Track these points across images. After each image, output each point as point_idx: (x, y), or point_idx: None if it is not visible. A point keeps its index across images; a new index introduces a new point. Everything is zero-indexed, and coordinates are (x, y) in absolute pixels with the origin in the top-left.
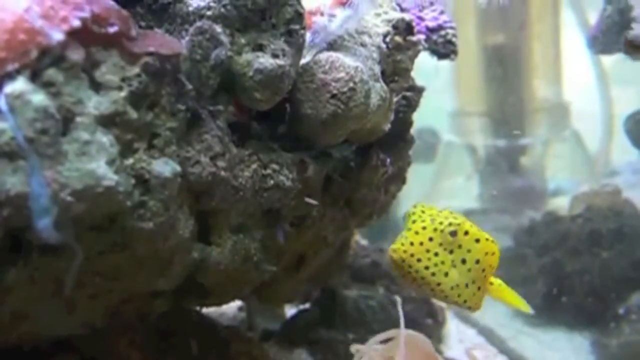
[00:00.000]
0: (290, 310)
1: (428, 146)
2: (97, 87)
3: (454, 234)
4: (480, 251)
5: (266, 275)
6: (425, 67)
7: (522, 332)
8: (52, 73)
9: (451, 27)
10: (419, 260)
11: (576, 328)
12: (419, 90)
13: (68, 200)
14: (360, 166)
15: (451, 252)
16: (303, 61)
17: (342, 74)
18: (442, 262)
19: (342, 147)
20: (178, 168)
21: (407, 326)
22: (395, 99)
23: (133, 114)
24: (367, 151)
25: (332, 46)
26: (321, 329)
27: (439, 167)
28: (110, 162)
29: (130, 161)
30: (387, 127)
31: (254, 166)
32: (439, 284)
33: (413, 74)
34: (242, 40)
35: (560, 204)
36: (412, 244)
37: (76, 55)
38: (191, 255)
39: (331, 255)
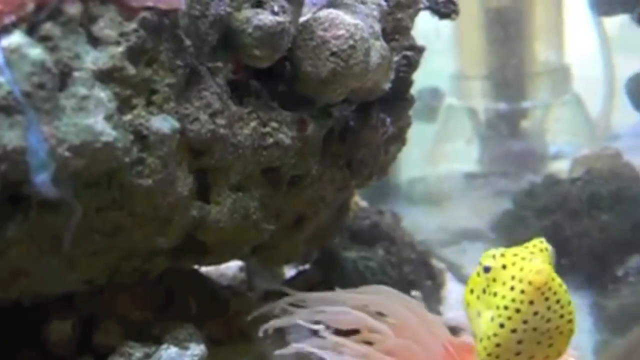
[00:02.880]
0: (289, 271)
1: (430, 106)
2: (94, 42)
3: (486, 269)
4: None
5: (265, 234)
6: (426, 29)
7: None
8: (49, 27)
9: None
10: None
11: (575, 290)
12: (419, 50)
13: (66, 156)
14: (360, 125)
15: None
16: (303, 18)
17: (342, 32)
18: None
19: (342, 106)
20: (177, 124)
21: (406, 288)
22: (395, 58)
23: (131, 70)
24: (367, 110)
25: (332, 4)
26: (320, 290)
27: (439, 130)
28: (108, 118)
29: (128, 117)
30: (387, 86)
31: (253, 124)
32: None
33: (414, 35)
34: None
35: (561, 168)
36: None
37: (73, 9)
38: (190, 213)
39: (330, 216)
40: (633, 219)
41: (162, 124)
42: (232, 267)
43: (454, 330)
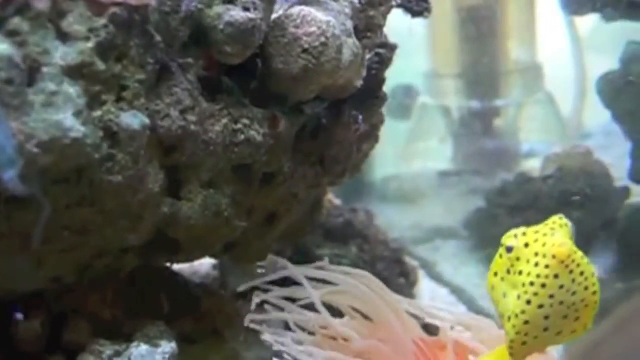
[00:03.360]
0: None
1: (403, 104)
2: (64, 37)
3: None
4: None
5: (237, 231)
6: (400, 28)
7: None
8: (17, 22)
9: None
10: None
11: None
12: (391, 48)
13: (34, 152)
14: (332, 123)
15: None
16: (275, 15)
17: (313, 29)
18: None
19: (314, 103)
20: (147, 120)
21: None
22: (367, 56)
23: (101, 66)
24: (339, 108)
25: (304, 1)
26: (293, 287)
27: (413, 128)
28: (78, 114)
29: (98, 113)
30: (360, 83)
31: (225, 121)
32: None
33: (387, 34)
34: None
35: (533, 166)
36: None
37: (42, 4)
38: (161, 210)
39: (303, 214)
40: (604, 217)
41: (132, 120)
42: (205, 264)
43: (428, 327)
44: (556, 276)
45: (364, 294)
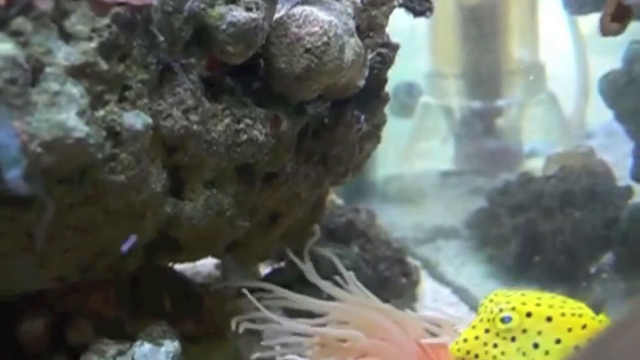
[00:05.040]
0: (265, 270)
1: (406, 102)
2: (66, 37)
3: (506, 320)
4: (557, 330)
5: (239, 231)
6: (402, 28)
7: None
8: (20, 22)
9: None
10: (476, 356)
11: (548, 287)
12: (393, 47)
13: (38, 152)
14: (334, 123)
15: (513, 339)
16: (277, 15)
17: (316, 28)
18: (503, 353)
19: (317, 103)
20: (150, 120)
21: (381, 285)
22: (369, 56)
23: (104, 66)
24: (341, 107)
25: (306, 1)
26: (295, 288)
27: (415, 128)
28: (81, 114)
29: (101, 113)
30: (362, 83)
31: (227, 121)
32: None
33: (389, 33)
34: None
35: (535, 166)
36: (465, 340)
37: (45, 4)
38: (164, 209)
39: (305, 214)
40: (606, 217)
41: (135, 120)
42: (207, 264)
43: (430, 328)
44: None
45: (357, 309)
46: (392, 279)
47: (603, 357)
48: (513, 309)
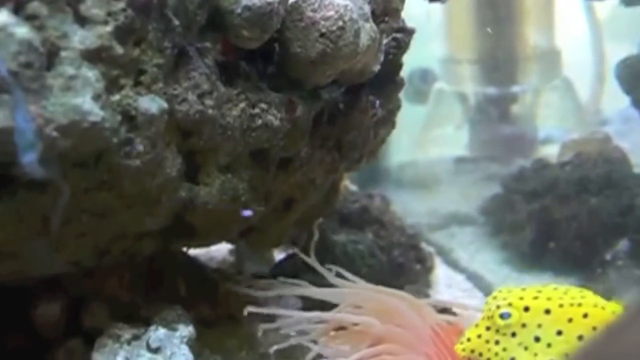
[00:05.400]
0: (278, 255)
1: (420, 88)
2: (82, 21)
3: (505, 316)
4: (557, 321)
5: (254, 216)
6: (417, 13)
7: (510, 278)
8: (35, 5)
9: None
10: (480, 354)
11: (563, 274)
12: (409, 32)
13: (53, 136)
14: (349, 108)
15: (513, 334)
16: None
17: (331, 13)
18: (504, 350)
19: (332, 88)
20: (165, 104)
21: (395, 272)
22: (385, 40)
23: (119, 50)
24: (356, 93)
25: None
26: (309, 273)
27: (429, 115)
28: (96, 98)
29: (116, 97)
30: (377, 68)
31: (242, 105)
32: None
33: (404, 18)
34: None
35: (550, 152)
36: (469, 339)
37: None
38: (179, 194)
39: (319, 199)
40: (621, 203)
41: (150, 104)
42: (221, 250)
43: (443, 312)
44: None
45: (371, 295)
46: (406, 265)
47: (612, 349)
48: (510, 305)
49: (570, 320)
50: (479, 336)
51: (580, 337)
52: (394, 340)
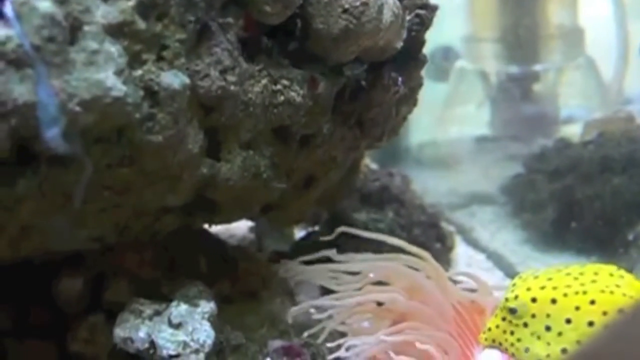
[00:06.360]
0: (299, 233)
1: (442, 66)
2: None
3: (512, 311)
4: (564, 310)
5: (275, 193)
6: None
7: (531, 257)
8: None
9: None
10: (500, 344)
11: (585, 253)
12: (432, 9)
13: (76, 110)
14: (371, 85)
15: (525, 325)
16: None
17: None
18: (519, 340)
19: (354, 65)
20: (187, 80)
21: None
22: (407, 17)
23: (141, 24)
24: (378, 70)
25: None
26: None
27: (450, 93)
28: (119, 73)
29: (138, 72)
30: (400, 45)
31: (264, 81)
32: None
33: None
34: None
35: (573, 131)
36: (489, 329)
37: None
38: (200, 170)
39: (341, 178)
40: None
41: (173, 79)
42: (241, 227)
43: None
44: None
45: (402, 264)
46: (426, 244)
47: (613, 347)
48: (516, 297)
49: (577, 308)
50: (497, 326)
51: (590, 323)
52: (417, 318)
